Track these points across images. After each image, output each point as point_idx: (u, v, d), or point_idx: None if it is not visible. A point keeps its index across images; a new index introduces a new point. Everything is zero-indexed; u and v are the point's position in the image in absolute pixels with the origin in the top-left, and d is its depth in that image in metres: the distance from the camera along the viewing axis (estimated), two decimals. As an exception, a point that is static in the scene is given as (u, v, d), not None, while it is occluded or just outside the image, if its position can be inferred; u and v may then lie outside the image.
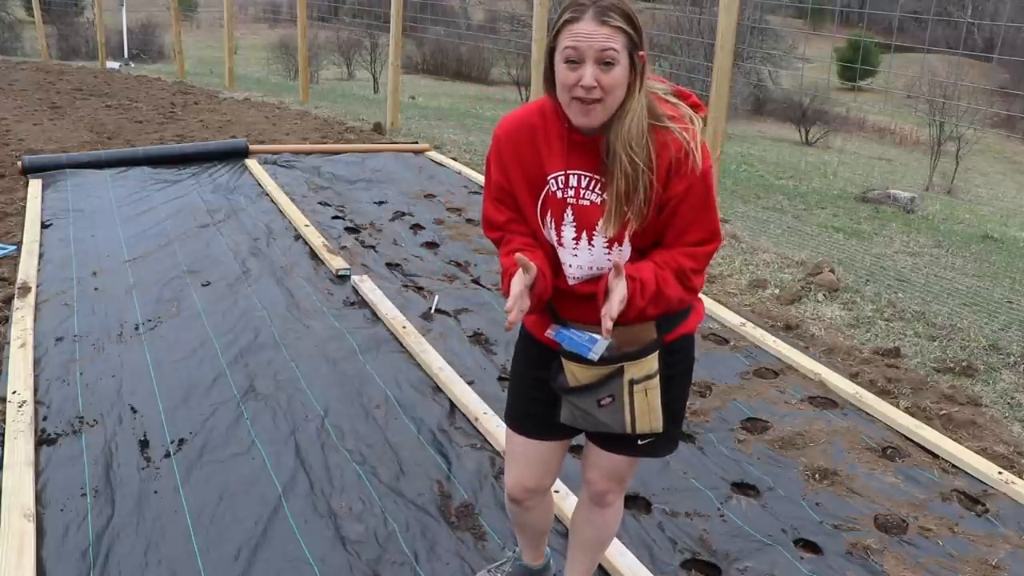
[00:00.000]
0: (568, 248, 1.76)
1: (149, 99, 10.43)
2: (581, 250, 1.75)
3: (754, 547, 2.56)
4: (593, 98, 1.61)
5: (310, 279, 4.52)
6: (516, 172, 1.79)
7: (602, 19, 1.58)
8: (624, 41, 1.60)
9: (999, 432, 3.32)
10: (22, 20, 32.24)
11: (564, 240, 1.76)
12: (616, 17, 1.59)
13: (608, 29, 1.58)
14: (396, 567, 2.42)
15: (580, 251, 1.75)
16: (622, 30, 1.59)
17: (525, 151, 1.77)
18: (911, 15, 17.23)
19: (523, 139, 1.78)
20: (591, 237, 1.73)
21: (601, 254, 1.74)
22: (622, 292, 1.64)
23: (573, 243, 1.75)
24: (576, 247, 1.75)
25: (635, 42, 1.62)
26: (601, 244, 1.73)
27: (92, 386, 3.32)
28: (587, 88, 1.60)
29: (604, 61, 1.59)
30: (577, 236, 1.74)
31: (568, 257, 1.77)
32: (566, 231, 1.75)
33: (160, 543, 2.45)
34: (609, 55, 1.59)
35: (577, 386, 1.78)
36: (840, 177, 10.66)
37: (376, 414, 3.23)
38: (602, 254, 1.74)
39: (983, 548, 2.62)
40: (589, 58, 1.59)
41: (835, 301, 4.61)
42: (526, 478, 1.99)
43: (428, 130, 9.29)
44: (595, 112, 1.63)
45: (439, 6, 21.64)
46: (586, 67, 1.60)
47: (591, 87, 1.60)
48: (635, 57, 1.63)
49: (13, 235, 5.04)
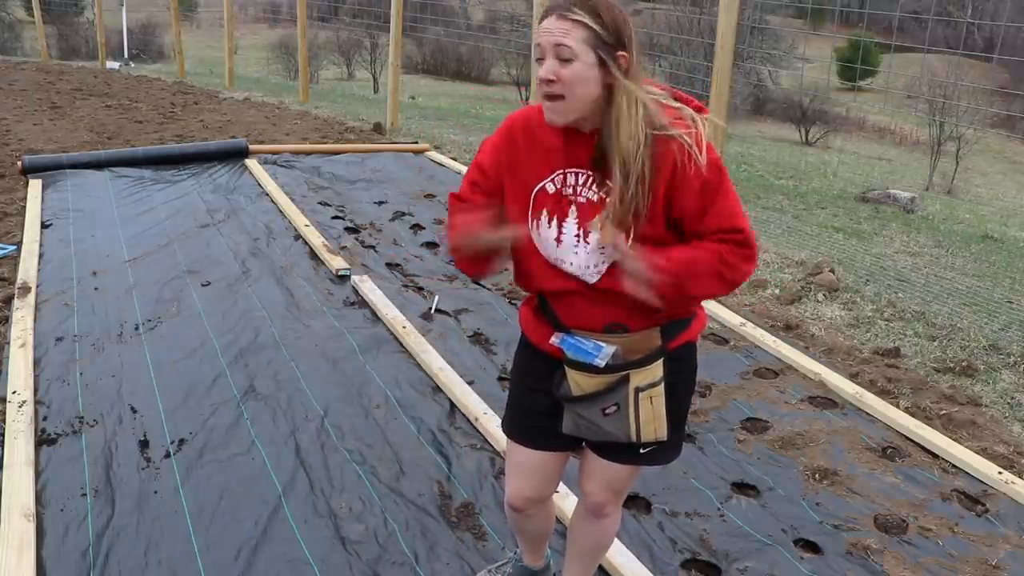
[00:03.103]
0: (568, 246, 1.75)
1: (149, 99, 10.43)
2: (580, 248, 1.74)
3: (754, 547, 2.56)
4: (553, 92, 1.63)
5: (310, 279, 4.52)
6: (511, 166, 1.80)
7: (563, 14, 1.61)
8: (584, 35, 1.61)
9: (999, 432, 3.32)
10: (22, 20, 32.23)
11: (565, 238, 1.75)
12: (577, 12, 1.61)
13: (566, 23, 1.61)
14: (396, 567, 2.42)
15: (579, 248, 1.75)
16: (582, 24, 1.60)
17: (523, 147, 1.78)
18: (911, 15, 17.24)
19: (524, 135, 1.78)
20: (586, 234, 1.73)
21: (595, 251, 1.74)
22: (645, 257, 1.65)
23: (574, 240, 1.74)
24: (577, 245, 1.75)
25: (603, 39, 1.61)
26: (596, 242, 1.72)
27: (92, 386, 3.32)
28: (544, 80, 1.63)
29: (561, 56, 1.61)
30: (579, 234, 1.74)
31: (568, 255, 1.76)
32: (568, 228, 1.74)
33: (160, 543, 2.45)
34: (565, 51, 1.61)
35: (581, 395, 1.77)
36: (840, 177, 10.65)
37: (376, 414, 3.23)
38: (596, 251, 1.73)
39: (983, 548, 2.62)
40: (549, 53, 1.62)
41: (835, 301, 4.61)
42: (527, 488, 1.98)
43: (428, 130, 9.29)
44: (558, 108, 1.65)
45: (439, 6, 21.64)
46: (546, 61, 1.63)
47: (547, 79, 1.62)
48: (605, 54, 1.62)
49: (13, 235, 5.04)
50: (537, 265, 1.81)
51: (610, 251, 1.71)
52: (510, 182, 1.80)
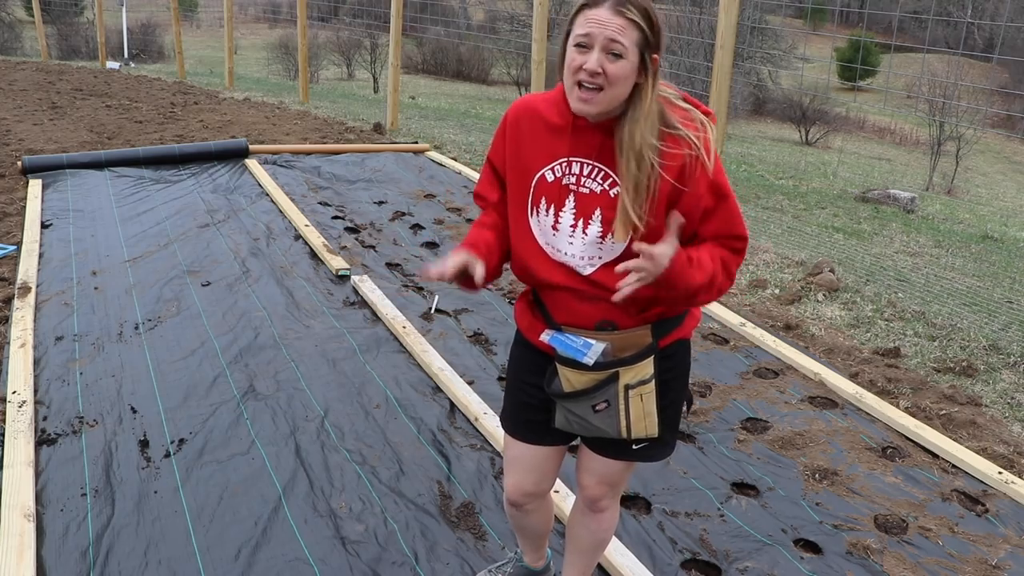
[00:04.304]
0: (564, 235, 1.75)
1: (149, 99, 10.43)
2: (576, 238, 1.74)
3: (754, 547, 2.56)
4: (595, 84, 1.61)
5: (310, 279, 4.52)
6: (513, 153, 1.80)
7: (619, 8, 1.59)
8: (636, 37, 1.60)
9: (999, 432, 3.32)
10: (22, 20, 32.23)
11: (561, 226, 1.75)
12: (633, 11, 1.59)
13: (623, 20, 1.59)
14: (396, 567, 2.42)
15: (575, 238, 1.74)
16: (637, 25, 1.60)
17: (525, 134, 1.78)
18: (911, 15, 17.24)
19: (527, 122, 1.79)
20: (587, 226, 1.73)
21: (593, 243, 1.73)
22: (670, 248, 1.61)
23: (570, 230, 1.74)
24: (572, 234, 1.74)
25: (648, 41, 1.62)
26: (595, 234, 1.72)
27: (92, 386, 3.32)
28: (590, 72, 1.60)
29: (612, 51, 1.59)
30: (575, 224, 1.74)
31: (564, 244, 1.76)
32: (565, 217, 1.74)
33: (160, 543, 2.45)
34: (618, 47, 1.59)
35: (572, 391, 1.78)
36: (840, 177, 10.65)
37: (376, 414, 3.23)
38: (594, 243, 1.73)
39: (983, 548, 2.62)
40: (598, 44, 1.60)
41: (835, 301, 4.61)
42: (525, 483, 1.99)
43: (428, 130, 9.29)
44: (595, 100, 1.63)
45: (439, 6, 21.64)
46: (594, 52, 1.60)
47: (595, 72, 1.60)
48: (647, 57, 1.63)
49: (13, 235, 5.04)
50: (531, 252, 1.81)
51: (607, 246, 1.72)
52: (512, 168, 1.81)
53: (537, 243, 1.79)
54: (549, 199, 1.75)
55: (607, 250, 1.73)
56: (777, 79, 26.54)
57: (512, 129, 1.81)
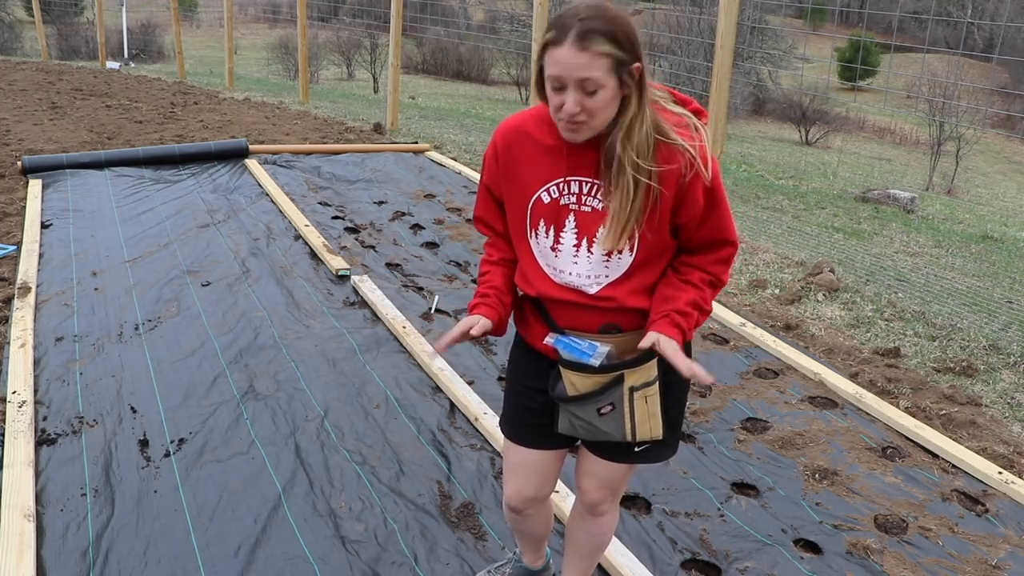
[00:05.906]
0: (567, 256, 1.74)
1: (149, 99, 10.43)
2: (581, 257, 1.73)
3: (754, 547, 2.56)
4: (579, 121, 1.59)
5: (310, 279, 4.52)
6: (508, 177, 1.78)
7: (582, 45, 1.52)
8: (607, 64, 1.54)
9: (999, 432, 3.32)
10: (22, 20, 32.23)
11: (563, 247, 1.74)
12: (598, 40, 1.53)
13: (587, 56, 1.53)
14: (396, 567, 2.42)
15: (580, 258, 1.73)
16: (604, 53, 1.53)
17: (518, 158, 1.76)
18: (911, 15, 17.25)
19: (518, 145, 1.76)
20: (591, 244, 1.71)
21: (599, 262, 1.73)
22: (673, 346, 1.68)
23: (573, 250, 1.73)
24: (576, 254, 1.73)
25: (623, 60, 1.56)
26: (600, 252, 1.71)
27: (92, 386, 3.32)
28: (570, 115, 1.58)
29: (587, 90, 1.56)
30: (578, 243, 1.72)
31: (567, 264, 1.75)
32: (566, 238, 1.73)
33: (160, 542, 2.45)
34: (591, 84, 1.55)
35: (576, 395, 1.76)
36: (840, 177, 10.65)
37: (376, 414, 3.23)
38: (600, 262, 1.73)
39: (983, 548, 2.62)
40: (571, 85, 1.56)
41: (835, 301, 4.61)
42: (525, 488, 1.98)
43: (428, 130, 9.29)
44: (581, 130, 1.62)
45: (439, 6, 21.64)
46: (569, 93, 1.56)
47: (573, 113, 1.58)
48: (624, 74, 1.58)
49: (13, 235, 5.04)
50: (534, 272, 1.80)
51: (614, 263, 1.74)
52: (508, 192, 1.80)
53: (538, 264, 1.79)
54: (548, 220, 1.74)
55: (614, 267, 1.72)
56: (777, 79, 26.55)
57: (504, 154, 1.78)
